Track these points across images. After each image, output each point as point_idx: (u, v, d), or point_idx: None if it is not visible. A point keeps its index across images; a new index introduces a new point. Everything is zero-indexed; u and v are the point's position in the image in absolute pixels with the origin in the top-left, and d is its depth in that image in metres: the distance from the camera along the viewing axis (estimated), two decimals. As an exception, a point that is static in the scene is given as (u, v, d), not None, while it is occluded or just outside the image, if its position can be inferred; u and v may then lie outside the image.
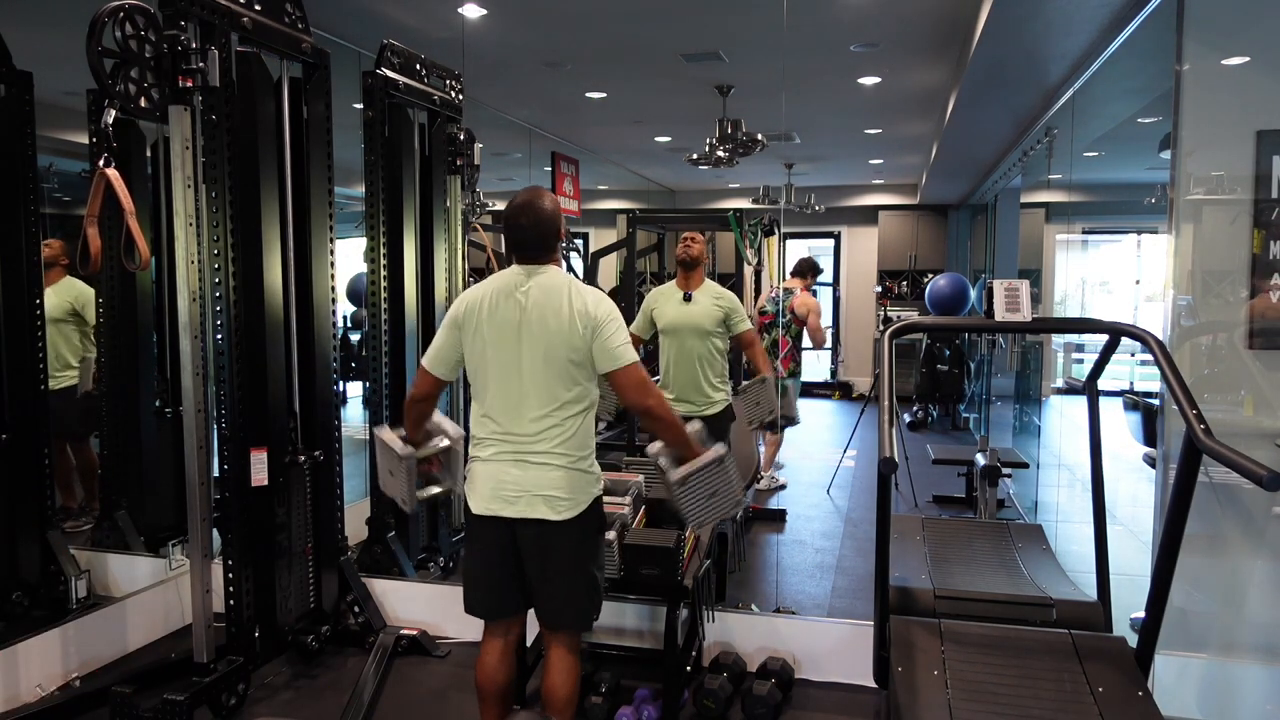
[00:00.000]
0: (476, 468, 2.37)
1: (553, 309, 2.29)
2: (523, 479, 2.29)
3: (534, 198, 2.36)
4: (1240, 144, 2.84)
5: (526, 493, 2.28)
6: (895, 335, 2.42)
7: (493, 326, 2.32)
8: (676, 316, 4.01)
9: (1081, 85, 4.55)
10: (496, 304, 2.33)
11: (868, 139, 8.07)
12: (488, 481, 2.33)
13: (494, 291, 2.35)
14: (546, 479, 2.28)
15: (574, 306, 2.28)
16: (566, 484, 2.29)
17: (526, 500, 2.28)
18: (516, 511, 2.29)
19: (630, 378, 2.30)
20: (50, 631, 3.16)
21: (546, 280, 2.33)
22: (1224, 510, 2.92)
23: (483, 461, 2.35)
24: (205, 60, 2.73)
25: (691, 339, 4.00)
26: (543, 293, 2.31)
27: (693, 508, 2.36)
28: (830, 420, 9.74)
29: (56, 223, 4.24)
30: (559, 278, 2.35)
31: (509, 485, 2.30)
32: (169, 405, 4.14)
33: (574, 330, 2.27)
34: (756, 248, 8.16)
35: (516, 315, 2.30)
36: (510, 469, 2.30)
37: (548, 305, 2.29)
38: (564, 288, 2.32)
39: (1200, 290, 2.95)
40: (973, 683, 2.12)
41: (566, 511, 2.29)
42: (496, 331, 2.32)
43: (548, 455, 2.29)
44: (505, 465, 2.31)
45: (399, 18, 4.57)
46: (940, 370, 8.86)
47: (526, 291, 2.31)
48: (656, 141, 8.18)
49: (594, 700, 2.91)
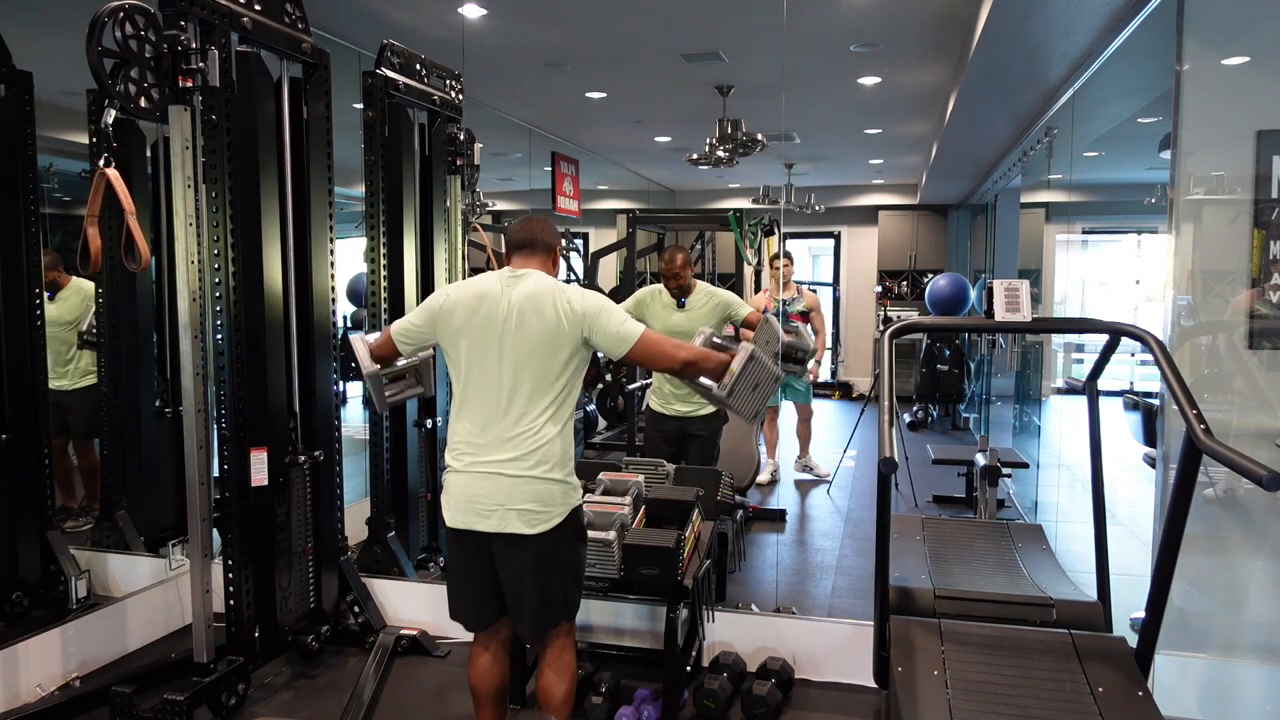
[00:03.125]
0: (451, 479, 2.34)
1: (535, 310, 2.27)
2: (495, 492, 2.25)
3: (536, 217, 2.47)
4: (1240, 144, 2.84)
5: (500, 506, 2.25)
6: (895, 335, 2.42)
7: (473, 331, 2.30)
8: (669, 326, 4.01)
9: (1081, 85, 4.55)
10: (478, 307, 2.31)
11: (868, 139, 8.06)
12: (461, 494, 2.30)
13: (478, 295, 2.33)
14: (520, 492, 2.25)
15: (559, 307, 2.27)
16: (541, 497, 2.26)
17: (500, 515, 2.25)
18: (490, 526, 2.26)
19: (649, 349, 2.31)
20: (50, 631, 3.16)
21: (531, 283, 2.32)
22: (1224, 510, 2.92)
23: (456, 473, 2.32)
24: (205, 60, 2.73)
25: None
26: (526, 296, 2.29)
27: (744, 406, 2.48)
28: (830, 420, 9.74)
29: (56, 223, 4.24)
30: (544, 280, 2.34)
31: (482, 499, 2.27)
32: (169, 405, 4.14)
33: (561, 330, 2.26)
34: (756, 248, 8.16)
35: (498, 320, 2.28)
36: (484, 481, 2.26)
37: (530, 307, 2.27)
38: (548, 290, 2.31)
39: (1200, 290, 2.95)
40: (973, 683, 2.12)
41: (541, 524, 2.27)
42: (477, 336, 2.30)
43: (522, 464, 2.25)
44: (479, 478, 2.27)
45: (399, 18, 4.57)
46: (940, 370, 8.86)
47: (510, 294, 2.30)
48: (656, 141, 8.17)
49: (594, 700, 2.92)
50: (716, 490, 3.60)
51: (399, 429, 3.97)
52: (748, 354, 2.45)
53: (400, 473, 3.97)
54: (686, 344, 2.44)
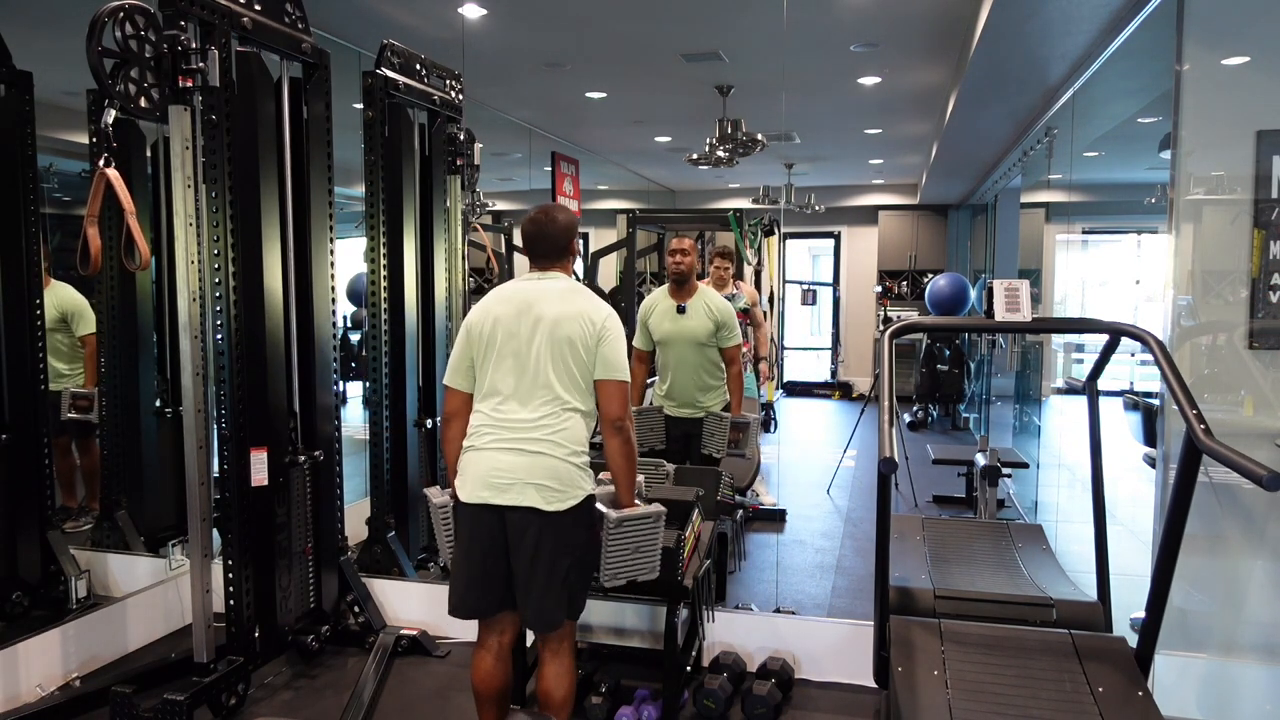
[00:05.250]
0: (470, 455, 2.38)
1: (568, 311, 2.37)
2: (516, 465, 2.30)
3: (551, 208, 2.52)
4: (1240, 144, 2.84)
5: (519, 480, 2.29)
6: (895, 335, 2.42)
7: (505, 322, 2.39)
8: (671, 330, 4.04)
9: (1081, 85, 4.55)
10: (510, 302, 2.40)
11: (868, 139, 8.07)
12: (480, 468, 2.33)
13: (507, 296, 2.43)
14: (540, 466, 2.30)
15: (587, 312, 2.38)
16: (560, 474, 2.31)
17: (519, 488, 2.29)
18: (507, 499, 2.29)
19: (620, 391, 2.39)
20: (50, 631, 3.16)
21: (560, 284, 2.44)
22: (1224, 510, 2.92)
23: (477, 450, 2.36)
24: (205, 60, 2.73)
25: (687, 350, 4.04)
26: (558, 295, 2.40)
27: (615, 557, 2.45)
28: (830, 420, 9.74)
29: (56, 223, 4.24)
30: (572, 283, 2.47)
31: (502, 472, 2.30)
32: (169, 405, 4.15)
33: (586, 332, 2.36)
34: (756, 248, 8.17)
35: (531, 313, 2.37)
36: (504, 456, 2.32)
37: (563, 306, 2.37)
38: (578, 293, 2.43)
39: (1200, 290, 2.95)
40: (973, 683, 2.12)
41: (558, 503, 2.30)
42: (509, 325, 2.38)
43: (544, 444, 2.31)
44: (500, 453, 2.32)
45: (399, 18, 4.57)
46: (940, 370, 8.86)
47: (541, 293, 2.40)
48: (656, 141, 8.18)
49: (594, 700, 2.91)
50: (716, 490, 3.60)
51: (399, 429, 3.97)
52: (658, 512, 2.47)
53: (400, 473, 3.97)
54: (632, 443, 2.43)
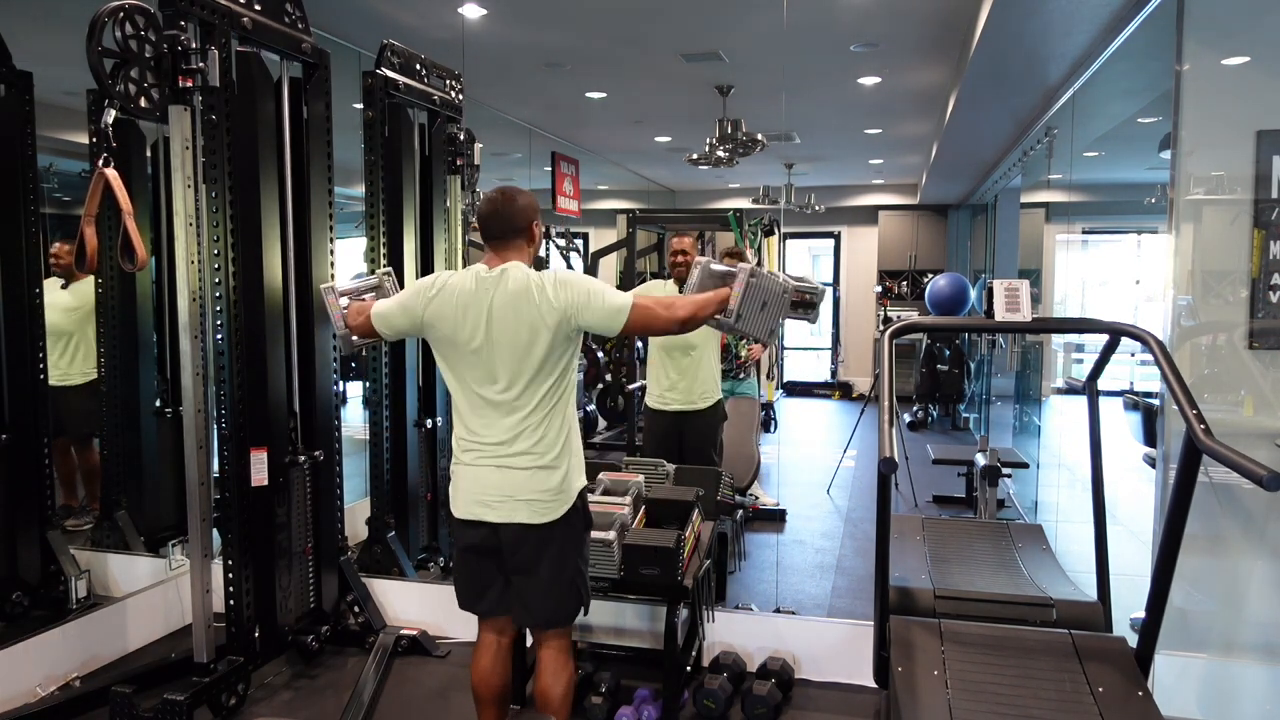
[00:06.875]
0: (459, 470, 2.36)
1: (515, 312, 2.22)
2: (504, 484, 2.28)
3: (510, 190, 2.36)
4: (1240, 144, 2.84)
5: (509, 498, 2.27)
6: (895, 335, 2.42)
7: (459, 345, 2.27)
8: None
9: (1081, 85, 4.55)
10: (461, 319, 2.26)
11: (868, 139, 8.06)
12: (470, 486, 2.32)
13: (460, 306, 2.27)
14: (527, 484, 2.26)
15: (539, 304, 2.22)
16: (546, 487, 2.27)
17: (509, 505, 2.27)
18: (498, 516, 2.29)
19: (644, 316, 2.26)
20: (50, 631, 3.16)
21: (509, 282, 2.25)
22: (1224, 510, 2.92)
23: (465, 466, 2.34)
24: (205, 60, 2.73)
25: (685, 349, 4.04)
26: (506, 299, 2.23)
27: (757, 329, 2.42)
28: (830, 420, 9.74)
29: (56, 222, 4.24)
30: (520, 276, 2.26)
31: (491, 490, 2.29)
32: (169, 405, 4.15)
33: (543, 326, 2.21)
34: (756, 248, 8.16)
35: (481, 329, 2.24)
36: (491, 474, 2.29)
37: (510, 310, 2.23)
38: (524, 287, 2.24)
39: (1200, 290, 2.95)
40: (973, 683, 2.12)
41: (548, 514, 2.28)
42: (464, 348, 2.26)
43: (524, 457, 2.26)
44: (486, 470, 2.30)
45: (399, 18, 4.57)
46: (940, 370, 8.86)
47: (491, 299, 2.24)
48: (656, 141, 8.17)
49: (594, 700, 2.92)
50: (716, 490, 3.60)
51: (399, 429, 3.97)
52: (746, 275, 2.39)
53: (400, 473, 3.97)
54: (680, 299, 2.36)
